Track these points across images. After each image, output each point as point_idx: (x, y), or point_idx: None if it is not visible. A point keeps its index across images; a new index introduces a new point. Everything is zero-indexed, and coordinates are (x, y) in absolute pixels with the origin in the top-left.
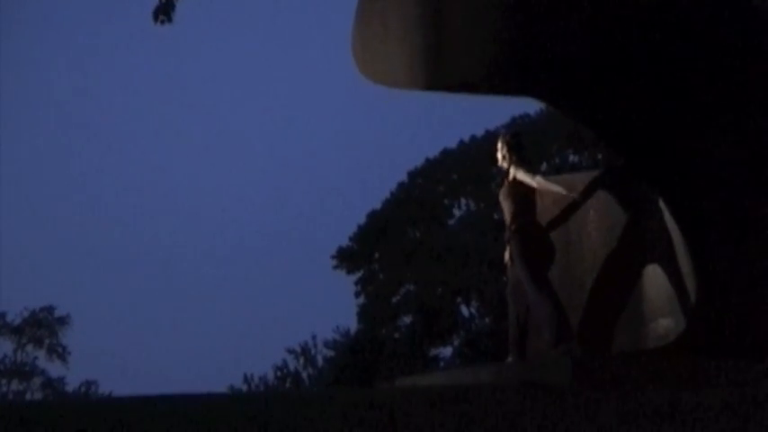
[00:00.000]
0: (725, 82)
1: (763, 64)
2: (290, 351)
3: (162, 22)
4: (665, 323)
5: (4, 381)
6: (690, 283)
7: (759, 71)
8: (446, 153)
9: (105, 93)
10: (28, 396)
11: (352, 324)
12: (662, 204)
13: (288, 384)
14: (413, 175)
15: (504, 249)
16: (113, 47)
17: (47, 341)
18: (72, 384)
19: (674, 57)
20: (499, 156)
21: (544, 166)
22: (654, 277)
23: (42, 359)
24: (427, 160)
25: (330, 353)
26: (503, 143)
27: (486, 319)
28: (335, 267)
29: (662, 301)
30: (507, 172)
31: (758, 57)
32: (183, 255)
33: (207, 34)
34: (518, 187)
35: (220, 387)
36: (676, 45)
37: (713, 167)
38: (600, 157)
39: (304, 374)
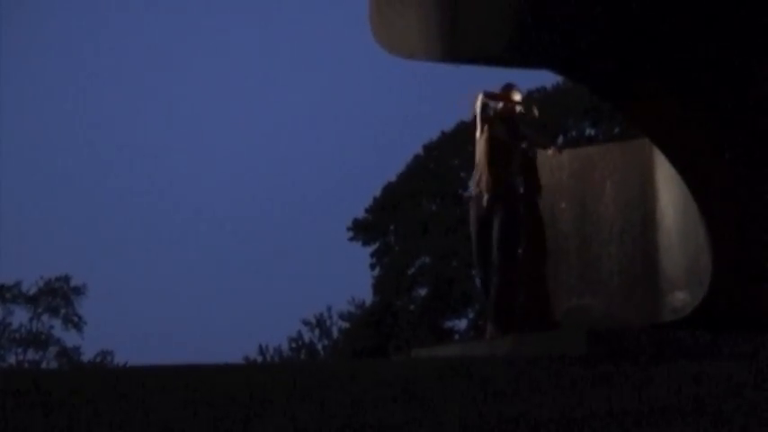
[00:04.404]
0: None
1: None
2: (306, 322)
3: None
4: (681, 296)
5: (19, 350)
6: (706, 257)
7: None
8: (462, 125)
9: (124, 64)
10: (43, 365)
11: (368, 296)
12: (677, 176)
13: (302, 355)
14: (428, 148)
15: None
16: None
17: (62, 311)
18: (88, 354)
19: (696, 27)
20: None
21: (561, 139)
22: (669, 250)
23: (58, 329)
24: (443, 133)
25: (345, 324)
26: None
27: None
28: (351, 239)
29: (678, 274)
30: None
31: None
32: (199, 225)
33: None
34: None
35: (236, 357)
36: (698, 13)
37: (731, 141)
38: (617, 130)
39: (319, 346)
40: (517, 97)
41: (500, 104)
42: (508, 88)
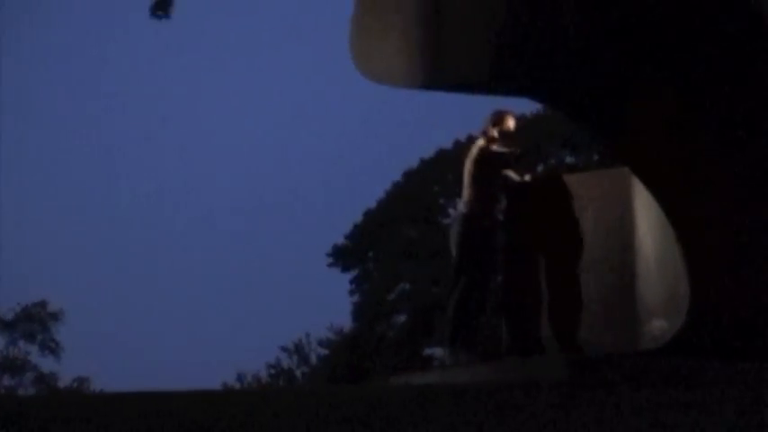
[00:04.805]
0: (731, 84)
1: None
2: (284, 349)
3: (159, 17)
4: (659, 324)
5: None
6: (684, 284)
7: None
8: (441, 153)
9: (101, 89)
10: (20, 391)
11: (347, 322)
12: (656, 204)
13: (281, 382)
14: (408, 174)
15: None
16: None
17: (39, 336)
18: (64, 380)
19: (681, 56)
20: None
21: (541, 167)
22: (648, 277)
23: (35, 354)
24: (422, 161)
25: (324, 351)
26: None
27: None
28: (330, 265)
29: (656, 301)
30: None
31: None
32: (177, 252)
33: (206, 29)
34: None
35: (214, 384)
36: (682, 43)
37: (711, 169)
38: (596, 158)
39: (297, 372)
40: (511, 124)
41: (495, 131)
42: (503, 115)
